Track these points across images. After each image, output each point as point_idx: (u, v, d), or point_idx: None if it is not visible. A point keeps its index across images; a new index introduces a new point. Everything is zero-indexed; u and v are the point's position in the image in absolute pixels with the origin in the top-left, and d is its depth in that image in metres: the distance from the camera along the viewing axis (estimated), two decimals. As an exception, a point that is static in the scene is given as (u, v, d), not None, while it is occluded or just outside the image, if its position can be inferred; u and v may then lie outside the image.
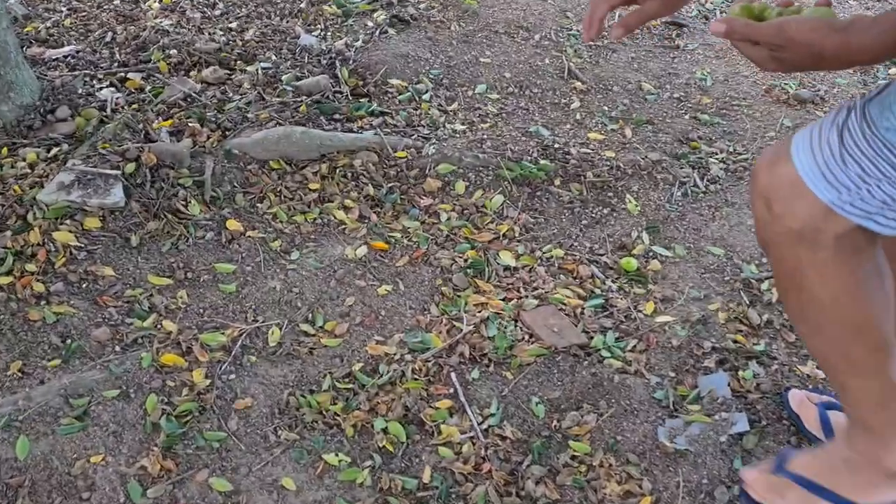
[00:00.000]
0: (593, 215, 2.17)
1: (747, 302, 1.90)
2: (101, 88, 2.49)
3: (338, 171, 2.21)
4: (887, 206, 0.98)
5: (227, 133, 2.26)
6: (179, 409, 1.60)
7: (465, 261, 2.01)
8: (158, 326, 1.78)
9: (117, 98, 2.42)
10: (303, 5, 3.01)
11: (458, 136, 2.38)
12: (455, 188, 2.20)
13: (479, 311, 1.87)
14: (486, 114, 2.51)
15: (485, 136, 2.37)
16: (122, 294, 1.84)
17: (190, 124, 2.26)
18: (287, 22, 2.91)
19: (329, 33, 2.84)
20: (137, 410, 1.60)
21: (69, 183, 2.01)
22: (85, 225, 1.96)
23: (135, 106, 2.39)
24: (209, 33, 2.79)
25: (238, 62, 2.63)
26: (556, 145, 2.35)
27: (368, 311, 1.87)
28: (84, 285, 1.85)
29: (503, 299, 1.91)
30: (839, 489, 1.24)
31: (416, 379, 1.70)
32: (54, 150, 2.18)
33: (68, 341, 1.73)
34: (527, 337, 1.82)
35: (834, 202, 0.99)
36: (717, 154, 2.41)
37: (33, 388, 1.62)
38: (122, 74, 2.56)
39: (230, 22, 2.89)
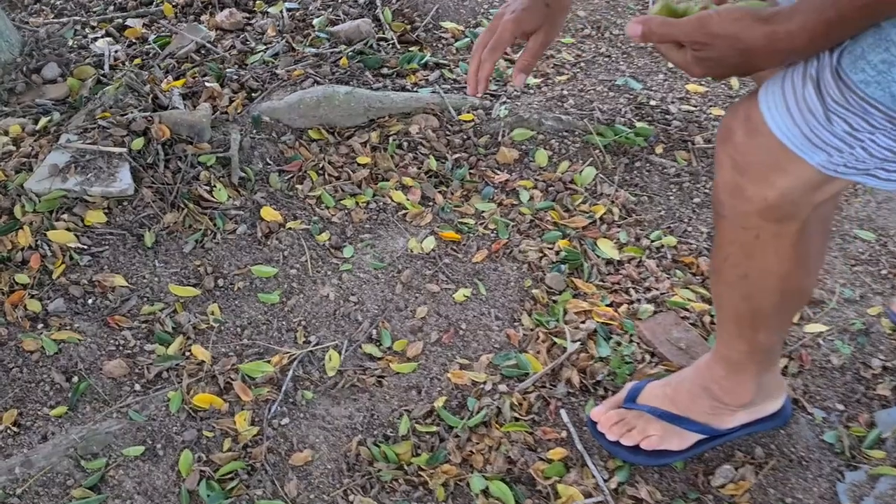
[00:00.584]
0: (707, 191, 1.77)
1: (915, 304, 1.53)
2: (95, 39, 2.06)
3: (391, 140, 1.81)
4: (888, 161, 0.85)
5: (252, 95, 1.85)
6: (222, 470, 1.25)
7: (557, 254, 1.63)
8: (187, 354, 1.41)
9: (116, 51, 1.99)
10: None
11: (531, 91, 1.97)
12: (535, 159, 1.80)
13: (583, 322, 1.50)
14: (562, 63, 2.08)
15: (565, 92, 1.95)
16: (139, 311, 1.47)
17: (207, 84, 1.85)
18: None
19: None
20: (168, 474, 1.25)
21: (64, 166, 1.61)
22: (87, 220, 1.57)
23: (137, 61, 1.97)
24: (220, -33, 2.34)
25: (257, 2, 2.18)
26: (652, 102, 1.93)
27: (445, 323, 1.50)
28: (90, 301, 1.47)
29: (610, 304, 1.53)
30: (696, 416, 1.24)
31: (516, 419, 1.34)
32: (43, 121, 1.77)
33: (75, 379, 1.36)
34: (647, 356, 1.45)
35: (825, 165, 0.87)
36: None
37: (33, 448, 1.26)
38: (120, 21, 2.12)
39: (243, -48, 2.43)
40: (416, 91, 1.89)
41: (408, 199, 1.71)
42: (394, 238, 1.65)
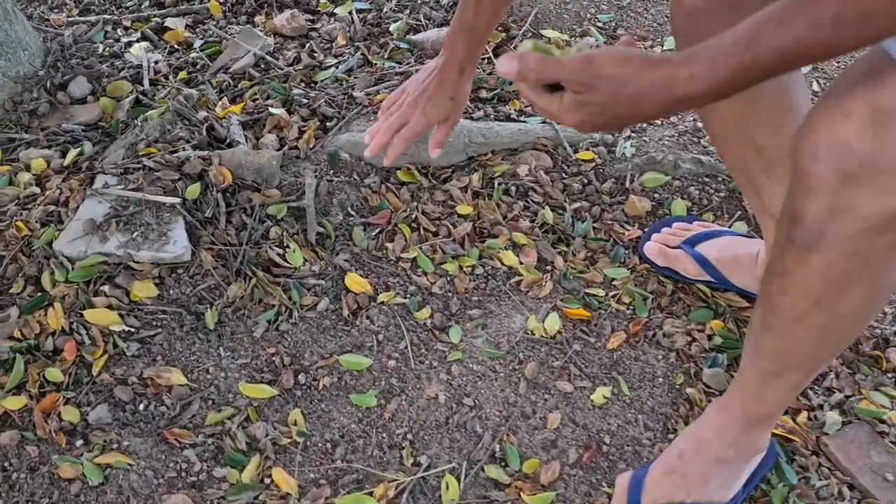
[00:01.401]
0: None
1: None
2: (129, 44, 1.72)
3: (497, 184, 1.48)
4: None
5: (327, 124, 1.52)
6: None
7: (710, 338, 1.32)
8: (266, 481, 1.11)
9: (155, 61, 1.66)
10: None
11: (658, 123, 1.64)
12: (672, 211, 1.48)
13: (757, 437, 1.19)
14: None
15: (699, 125, 1.62)
16: (203, 420, 1.16)
17: (271, 111, 1.51)
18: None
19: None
20: None
21: (102, 221, 1.29)
22: (133, 294, 1.25)
23: (183, 75, 1.63)
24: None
25: (321, 1, 1.84)
26: (806, 138, 1.60)
27: (584, 436, 1.20)
28: (141, 406, 1.16)
29: (785, 412, 1.23)
30: (714, 496, 1.08)
31: (693, 580, 1.04)
32: (72, 154, 1.44)
33: (127, 524, 1.06)
34: (845, 490, 1.15)
35: None
36: None
37: None
38: (158, 20, 1.78)
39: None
40: (524, 122, 1.56)
41: (521, 263, 1.39)
42: (509, 315, 1.33)
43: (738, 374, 1.04)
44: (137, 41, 1.72)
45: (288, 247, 1.34)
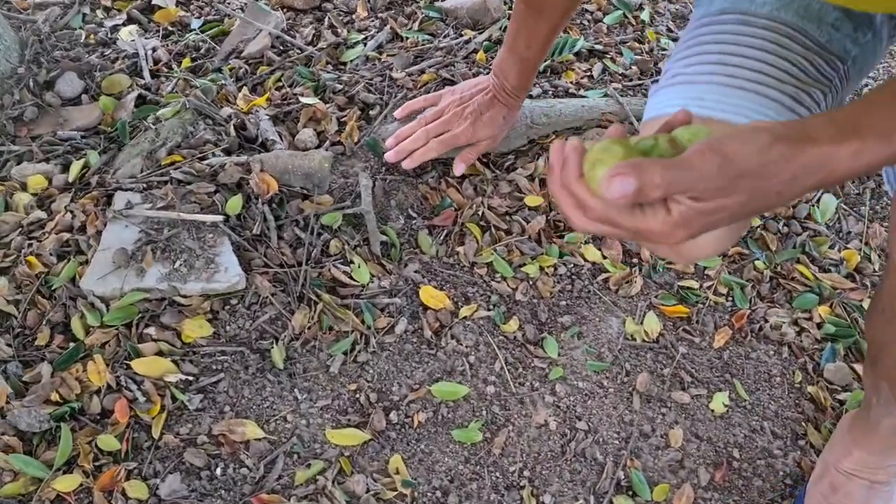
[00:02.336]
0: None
1: None
2: (115, 27, 1.48)
3: (565, 169, 1.33)
4: None
5: (369, 112, 1.33)
6: None
7: (819, 326, 1.21)
8: (378, 545, 0.96)
9: (153, 48, 1.43)
10: None
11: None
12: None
13: None
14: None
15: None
16: (292, 480, 0.99)
17: (303, 100, 1.32)
18: None
19: None
20: None
21: (135, 249, 1.09)
22: (185, 335, 1.07)
23: (187, 62, 1.41)
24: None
25: (328, -34, 1.62)
26: None
27: (711, 451, 1.08)
28: (218, 470, 0.99)
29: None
30: None
31: None
32: (76, 167, 1.22)
33: None
34: None
35: None
36: None
37: None
38: (143, -3, 1.54)
39: None
40: (585, 96, 1.40)
41: (605, 258, 1.25)
42: (603, 319, 1.20)
43: (864, 415, 0.96)
44: (124, 24, 1.49)
45: (352, 262, 1.17)
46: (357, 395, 1.07)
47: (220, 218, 1.12)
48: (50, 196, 1.20)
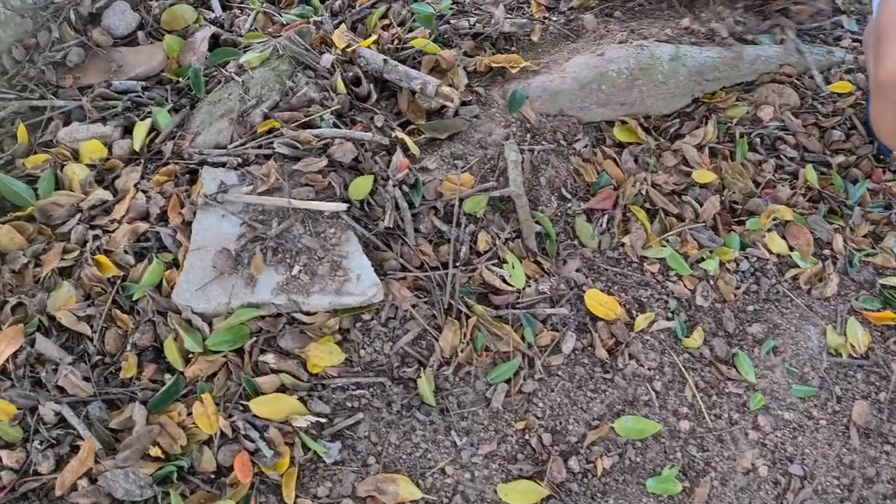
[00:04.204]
0: None
1: None
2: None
3: (737, 134, 1.09)
4: None
5: (494, 62, 1.06)
6: None
7: None
8: None
9: (217, -32, 1.13)
10: None
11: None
12: (960, 159, 1.13)
13: None
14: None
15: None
16: (463, 553, 0.79)
17: (421, 49, 1.04)
18: None
19: None
20: None
21: (239, 249, 0.85)
22: (310, 364, 0.83)
23: (263, -11, 1.12)
24: None
25: None
26: None
27: (947, 500, 0.89)
28: (371, 545, 0.78)
29: None
30: None
31: None
32: (141, 130, 0.95)
33: None
34: None
35: None
36: None
37: None
38: None
39: None
40: (757, 43, 1.14)
41: (793, 249, 1.03)
42: (799, 328, 0.98)
43: None
44: (175, -65, 1.18)
45: (505, 261, 0.93)
46: (527, 437, 0.86)
47: (343, 207, 0.87)
48: (111, 169, 0.94)
